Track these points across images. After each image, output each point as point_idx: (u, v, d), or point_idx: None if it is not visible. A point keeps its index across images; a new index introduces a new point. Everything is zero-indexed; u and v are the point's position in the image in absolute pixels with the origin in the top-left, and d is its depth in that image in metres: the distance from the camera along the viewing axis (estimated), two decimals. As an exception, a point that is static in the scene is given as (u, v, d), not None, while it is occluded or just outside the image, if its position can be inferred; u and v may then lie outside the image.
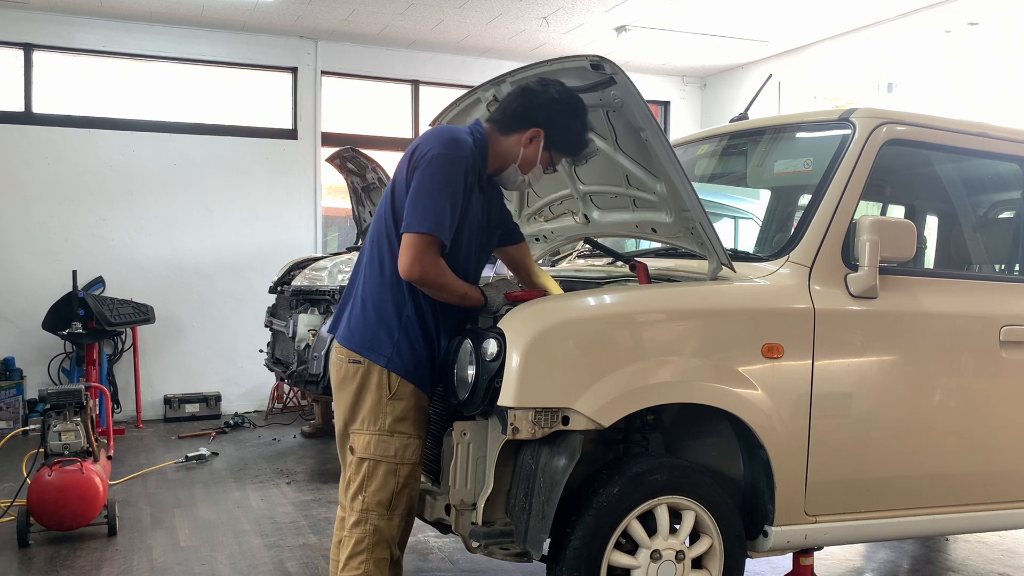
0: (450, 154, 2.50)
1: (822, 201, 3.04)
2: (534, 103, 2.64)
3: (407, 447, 2.58)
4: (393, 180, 2.64)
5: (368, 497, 2.57)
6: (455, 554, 4.11)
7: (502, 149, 2.67)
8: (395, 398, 2.57)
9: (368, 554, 2.57)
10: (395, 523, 2.60)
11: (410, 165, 2.56)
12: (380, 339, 2.57)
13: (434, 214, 2.46)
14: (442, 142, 2.52)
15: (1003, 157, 3.52)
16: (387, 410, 2.56)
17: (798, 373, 2.86)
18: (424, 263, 2.47)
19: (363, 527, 2.57)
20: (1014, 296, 3.38)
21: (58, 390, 4.47)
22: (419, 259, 2.47)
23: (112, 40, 7.55)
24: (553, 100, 2.63)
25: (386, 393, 2.56)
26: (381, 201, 2.68)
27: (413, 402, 2.60)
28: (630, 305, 2.73)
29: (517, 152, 2.66)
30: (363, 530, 2.57)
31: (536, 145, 2.65)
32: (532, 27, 7.64)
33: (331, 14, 7.38)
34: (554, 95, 2.64)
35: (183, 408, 7.65)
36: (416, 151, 2.56)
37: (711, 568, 2.79)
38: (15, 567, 3.96)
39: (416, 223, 2.47)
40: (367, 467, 2.57)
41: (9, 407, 7.07)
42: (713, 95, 9.56)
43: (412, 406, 2.60)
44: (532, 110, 2.64)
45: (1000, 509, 3.30)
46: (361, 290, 2.65)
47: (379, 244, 2.63)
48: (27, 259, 7.34)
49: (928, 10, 6.92)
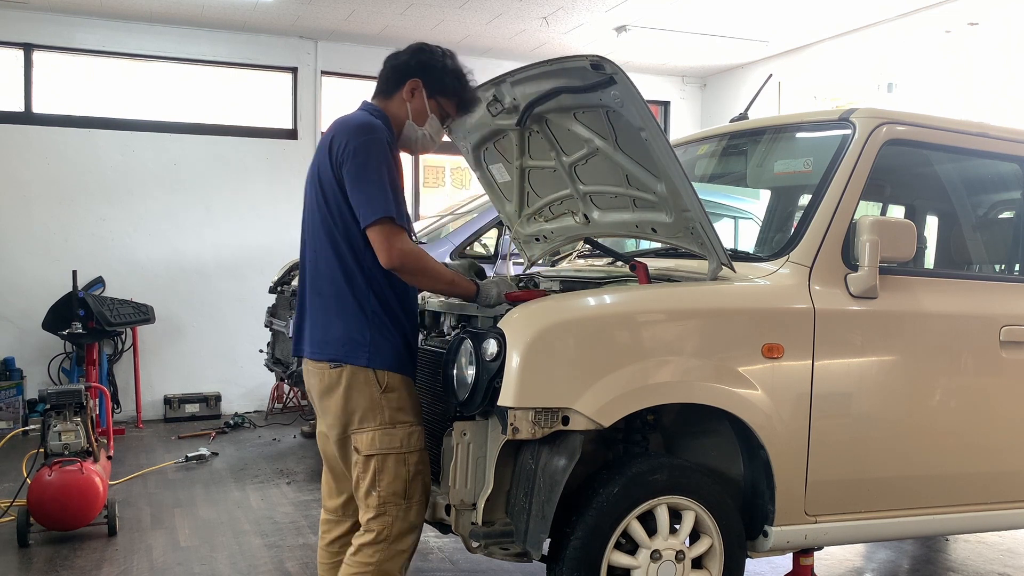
0: (369, 138, 2.54)
1: (822, 201, 3.04)
2: (401, 60, 2.73)
3: (411, 435, 2.60)
4: (318, 182, 2.62)
5: (383, 490, 2.56)
6: (455, 554, 4.11)
7: (393, 112, 2.71)
8: (387, 391, 2.57)
9: (386, 544, 2.57)
10: (413, 510, 2.61)
11: (332, 163, 2.56)
12: (354, 341, 2.56)
13: (382, 198, 2.48)
14: (357, 130, 2.55)
15: (1003, 157, 3.52)
16: (383, 404, 2.57)
17: (798, 373, 2.86)
18: (396, 249, 2.48)
19: (382, 519, 2.57)
20: (1014, 296, 3.38)
21: (58, 390, 4.47)
22: (390, 247, 2.48)
23: (112, 40, 7.55)
24: (418, 50, 2.72)
25: (377, 389, 2.56)
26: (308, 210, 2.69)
27: (405, 391, 2.62)
28: (630, 305, 2.73)
29: (405, 108, 2.71)
30: (382, 522, 2.57)
31: (419, 96, 2.70)
32: (532, 27, 7.64)
33: (331, 14, 7.38)
34: (416, 48, 2.74)
35: (183, 408, 7.65)
36: (333, 148, 2.56)
37: (711, 568, 2.79)
38: (15, 567, 3.97)
39: (371, 213, 2.48)
40: (376, 463, 2.56)
41: (9, 407, 7.07)
42: (713, 95, 9.56)
43: (406, 395, 2.61)
44: (401, 67, 2.72)
45: (1000, 509, 3.30)
46: (317, 301, 2.64)
47: (323, 251, 2.62)
48: (27, 259, 7.34)
49: (928, 10, 6.92)
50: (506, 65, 3.25)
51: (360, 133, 2.54)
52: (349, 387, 2.56)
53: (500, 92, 3.04)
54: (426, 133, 2.74)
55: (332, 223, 2.58)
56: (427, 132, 2.74)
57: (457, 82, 2.74)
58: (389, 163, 2.54)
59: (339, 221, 2.56)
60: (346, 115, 2.67)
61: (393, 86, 2.72)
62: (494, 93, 3.06)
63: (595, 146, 2.98)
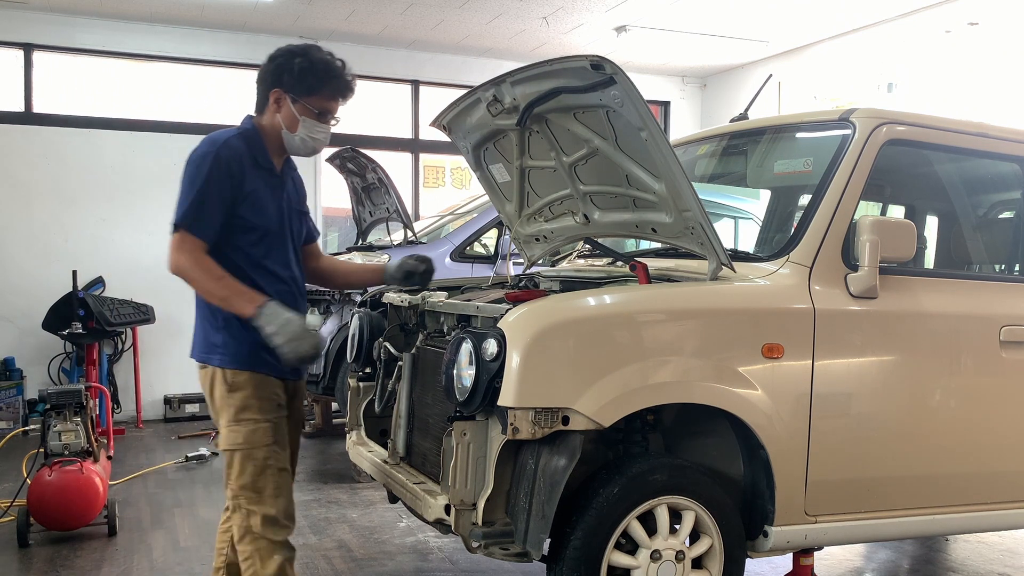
0: (199, 152, 2.62)
1: (822, 201, 3.04)
2: (260, 76, 2.76)
3: (255, 431, 2.66)
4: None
5: (234, 484, 2.67)
6: (455, 554, 4.11)
7: (268, 127, 2.75)
8: (232, 389, 2.66)
9: (250, 536, 2.66)
10: (267, 503, 2.66)
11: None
12: (210, 343, 2.71)
13: (182, 207, 2.59)
14: (199, 145, 2.65)
15: (1003, 157, 3.52)
16: (228, 403, 2.67)
17: (798, 373, 2.86)
18: (174, 257, 2.60)
19: (239, 513, 2.68)
20: (1014, 296, 3.38)
21: (58, 390, 4.47)
22: (173, 255, 2.60)
23: (112, 40, 7.56)
24: (271, 58, 2.73)
25: (224, 388, 2.67)
26: None
27: (252, 389, 2.67)
28: (630, 305, 2.73)
29: (276, 119, 2.73)
30: (240, 516, 2.68)
31: (284, 103, 2.71)
32: (532, 27, 7.64)
33: (331, 14, 7.38)
34: (270, 57, 2.74)
35: (183, 408, 7.65)
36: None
37: (711, 568, 2.79)
38: (15, 567, 3.97)
39: (174, 219, 2.61)
40: (227, 458, 2.69)
41: (9, 407, 7.07)
42: (713, 95, 9.56)
43: (252, 393, 2.67)
44: (260, 80, 2.75)
45: (1000, 509, 3.30)
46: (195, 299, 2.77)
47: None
48: (27, 259, 7.34)
49: (928, 10, 6.92)
50: (506, 65, 3.25)
51: (198, 147, 2.64)
52: (211, 386, 2.71)
53: (500, 92, 3.04)
54: (303, 136, 2.73)
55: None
56: (303, 135, 2.73)
57: (316, 77, 2.69)
58: (213, 175, 2.58)
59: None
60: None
61: (261, 100, 2.76)
62: (494, 93, 3.06)
63: (595, 146, 2.98)
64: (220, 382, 2.67)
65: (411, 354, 3.28)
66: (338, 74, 2.74)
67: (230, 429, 2.67)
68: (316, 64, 2.70)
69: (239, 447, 2.65)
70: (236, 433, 2.66)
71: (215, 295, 2.63)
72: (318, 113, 2.73)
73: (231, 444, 2.66)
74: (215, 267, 2.60)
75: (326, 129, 2.79)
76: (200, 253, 2.61)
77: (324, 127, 2.77)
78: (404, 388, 3.28)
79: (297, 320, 2.57)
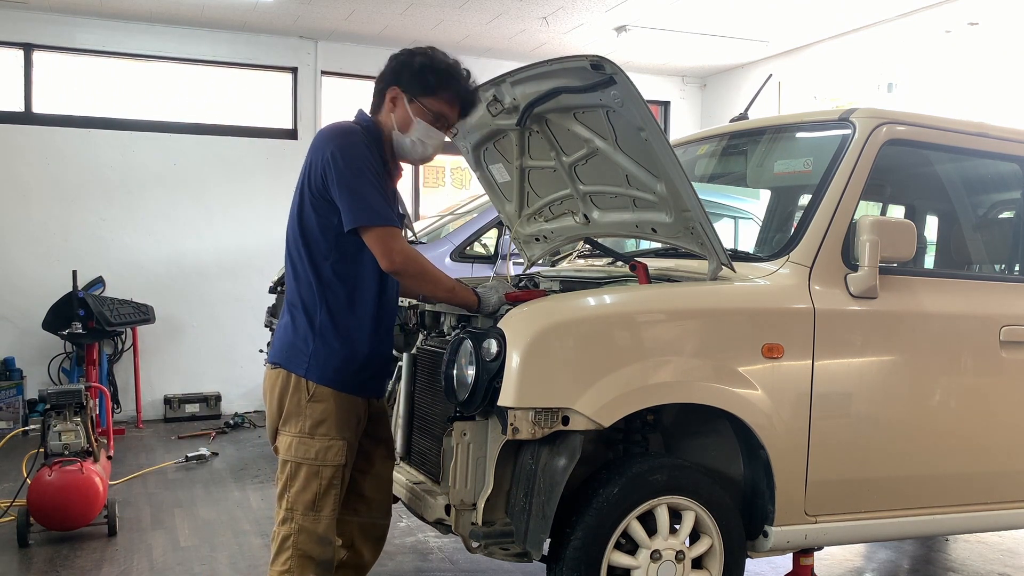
0: (345, 142, 2.52)
1: (822, 201, 3.04)
2: (379, 76, 2.69)
3: (329, 449, 2.58)
4: (298, 191, 2.63)
5: (292, 497, 2.59)
6: (455, 554, 4.11)
7: (385, 126, 2.67)
8: (313, 400, 2.57)
9: (294, 551, 2.59)
10: (322, 523, 2.60)
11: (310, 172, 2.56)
12: (298, 349, 2.59)
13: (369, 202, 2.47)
14: (332, 135, 2.55)
15: (1003, 157, 3.52)
16: (306, 412, 2.57)
17: (798, 373, 2.86)
18: (396, 252, 2.48)
19: (289, 525, 2.60)
20: (1014, 296, 3.38)
21: (58, 390, 4.47)
22: (389, 250, 2.47)
23: (112, 40, 7.55)
24: (392, 58, 2.68)
25: (305, 396, 2.57)
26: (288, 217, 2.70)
27: (334, 405, 2.58)
28: (630, 305, 2.73)
29: (390, 119, 2.66)
30: (289, 528, 2.60)
31: (400, 102, 2.64)
32: (532, 27, 7.64)
33: (331, 14, 7.38)
34: (392, 57, 2.68)
35: (183, 408, 7.65)
36: (311, 157, 2.57)
37: (711, 568, 2.79)
38: (15, 567, 3.97)
39: (361, 217, 2.47)
40: (290, 468, 2.59)
41: (9, 407, 7.07)
42: (713, 95, 9.56)
43: (332, 409, 2.58)
44: (379, 81, 2.68)
45: (1000, 509, 3.30)
46: (286, 303, 2.68)
47: (290, 253, 2.65)
48: (27, 259, 7.34)
49: (928, 10, 6.92)
50: (506, 65, 3.24)
51: (335, 138, 2.53)
52: (283, 390, 2.59)
53: (500, 92, 3.04)
54: (414, 139, 2.65)
55: (299, 232, 2.60)
56: (415, 138, 2.65)
57: (436, 77, 2.62)
58: (371, 164, 2.51)
59: (305, 230, 2.58)
60: (329, 125, 2.65)
61: (378, 99, 2.69)
62: (494, 93, 3.06)
63: (595, 146, 2.98)
64: (300, 389, 2.57)
65: (411, 354, 3.28)
66: (459, 77, 2.66)
67: (301, 440, 2.57)
68: (437, 63, 2.62)
69: (308, 461, 2.56)
70: (308, 446, 2.56)
71: (443, 285, 2.59)
72: (434, 116, 2.63)
73: (300, 456, 2.57)
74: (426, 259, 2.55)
75: (440, 136, 2.68)
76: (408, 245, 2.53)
77: (438, 133, 2.66)
78: (404, 388, 3.28)
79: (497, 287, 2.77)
